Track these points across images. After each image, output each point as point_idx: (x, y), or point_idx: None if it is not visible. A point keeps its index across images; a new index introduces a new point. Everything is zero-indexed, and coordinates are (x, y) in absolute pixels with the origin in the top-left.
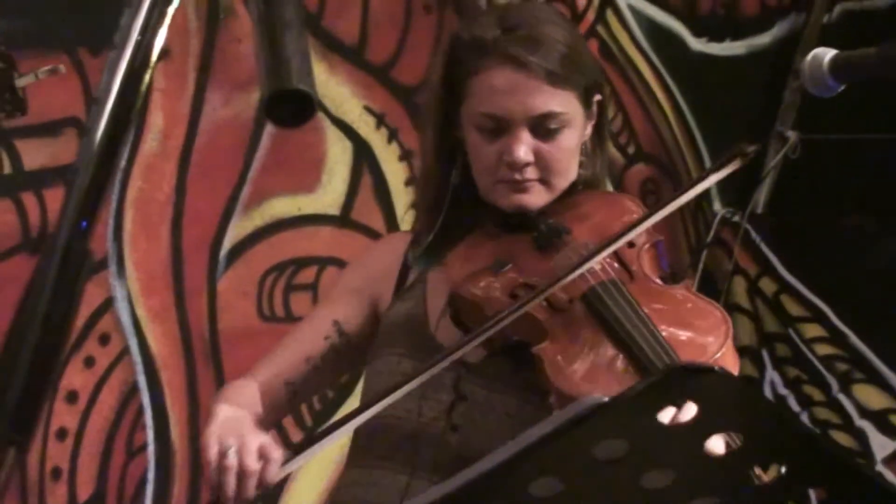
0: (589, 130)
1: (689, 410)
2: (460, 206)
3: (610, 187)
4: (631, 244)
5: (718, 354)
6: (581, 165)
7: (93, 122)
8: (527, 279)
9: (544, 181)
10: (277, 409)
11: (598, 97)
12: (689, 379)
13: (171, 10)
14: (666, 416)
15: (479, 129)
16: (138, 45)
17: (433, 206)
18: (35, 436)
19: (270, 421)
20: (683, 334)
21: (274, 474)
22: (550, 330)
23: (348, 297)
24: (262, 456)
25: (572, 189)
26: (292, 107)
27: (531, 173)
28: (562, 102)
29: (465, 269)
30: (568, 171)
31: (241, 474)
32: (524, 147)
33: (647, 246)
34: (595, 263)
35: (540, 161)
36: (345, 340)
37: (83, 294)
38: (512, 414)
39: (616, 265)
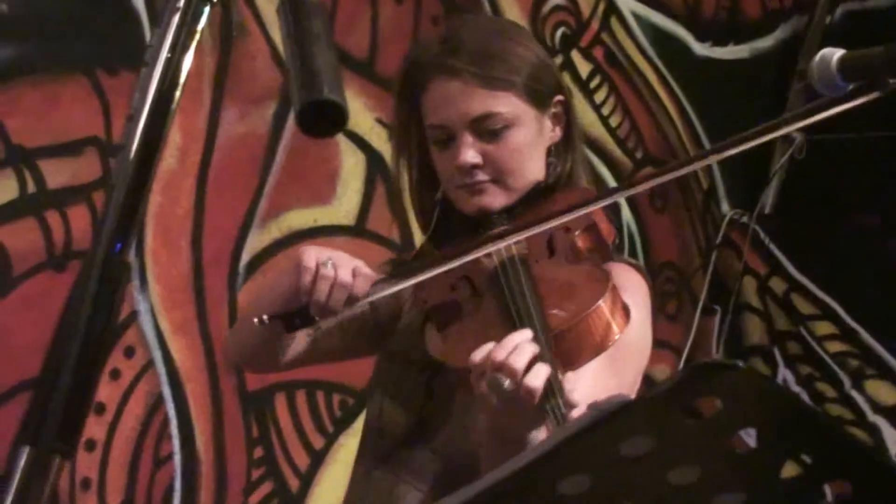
0: (557, 132)
1: (714, 406)
2: (448, 220)
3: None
4: (567, 228)
5: (596, 305)
6: (550, 165)
7: (127, 139)
8: (464, 271)
9: (497, 181)
10: (299, 342)
11: (558, 97)
12: (712, 375)
13: (199, 28)
14: (691, 412)
15: (434, 141)
16: (168, 63)
17: (422, 227)
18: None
19: (289, 359)
20: (564, 295)
21: (364, 289)
22: (466, 313)
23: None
24: (356, 272)
25: (542, 189)
26: (324, 117)
27: (482, 175)
28: (500, 103)
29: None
30: (521, 170)
31: (335, 284)
32: (470, 151)
33: (580, 229)
34: (513, 244)
35: (489, 162)
36: (374, 318)
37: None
38: (470, 406)
39: (543, 247)
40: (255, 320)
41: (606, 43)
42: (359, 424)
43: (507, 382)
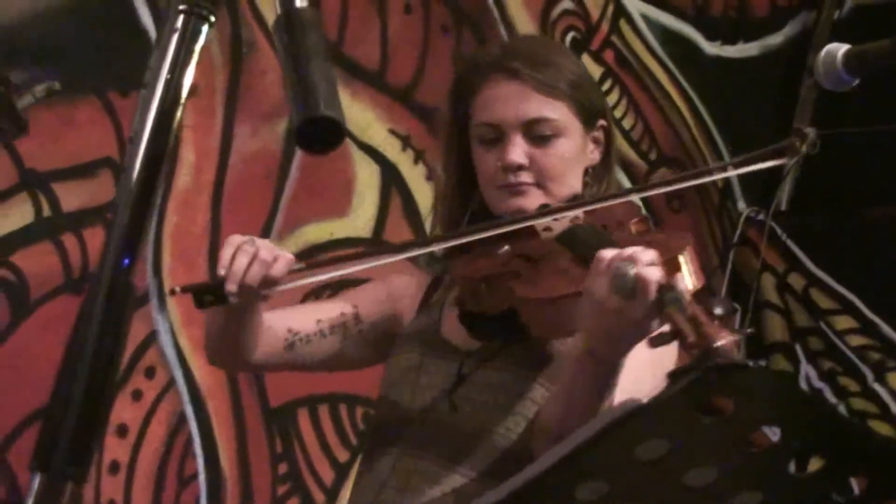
0: (596, 156)
1: (727, 407)
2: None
3: None
4: (619, 222)
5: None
6: (586, 185)
7: (129, 161)
8: (523, 252)
9: (540, 185)
10: (272, 348)
11: (602, 122)
12: (724, 376)
13: (198, 48)
14: (704, 413)
15: (481, 140)
16: (168, 83)
17: (450, 225)
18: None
19: (260, 358)
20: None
21: (282, 270)
22: (524, 273)
23: (375, 294)
24: (276, 255)
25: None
26: (321, 133)
27: (526, 177)
28: (554, 110)
29: (468, 260)
30: (564, 178)
31: (255, 259)
32: (517, 150)
33: (633, 221)
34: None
35: (534, 165)
36: (356, 328)
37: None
38: (507, 387)
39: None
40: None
41: (616, 45)
42: None
43: (632, 269)
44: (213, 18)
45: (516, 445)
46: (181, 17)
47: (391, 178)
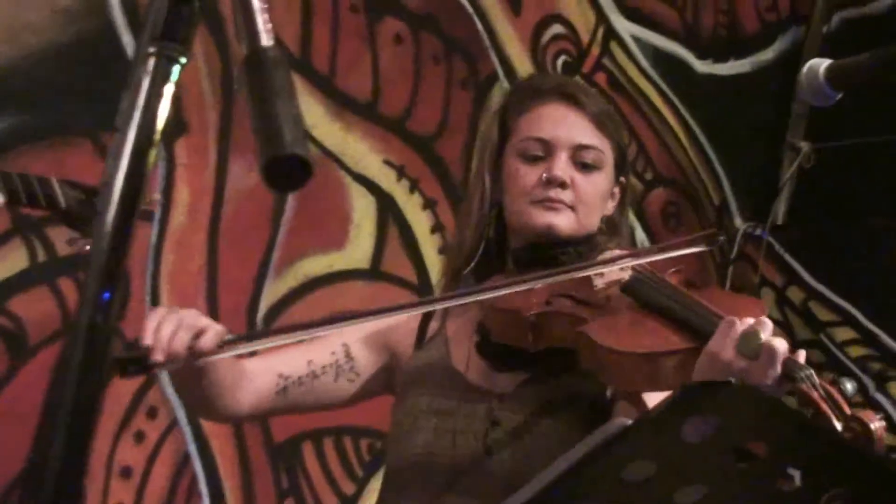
0: (612, 205)
1: (712, 425)
2: (490, 256)
3: None
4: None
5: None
6: (600, 231)
7: (103, 204)
8: (560, 291)
9: (574, 208)
10: (263, 396)
11: (623, 179)
12: (707, 394)
13: (168, 90)
14: (689, 433)
15: (523, 155)
16: (140, 127)
17: (468, 252)
18: None
19: (252, 407)
20: (724, 308)
21: (210, 342)
22: (590, 318)
23: (362, 332)
24: (204, 326)
25: (593, 241)
26: (289, 171)
27: (565, 196)
28: (601, 143)
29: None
30: (595, 210)
31: (180, 327)
32: (564, 167)
33: (671, 270)
34: (623, 271)
35: (574, 188)
36: (349, 364)
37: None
38: (545, 434)
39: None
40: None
41: (608, 67)
42: None
43: (763, 335)
44: (183, 59)
45: None
46: (151, 60)
47: (387, 209)
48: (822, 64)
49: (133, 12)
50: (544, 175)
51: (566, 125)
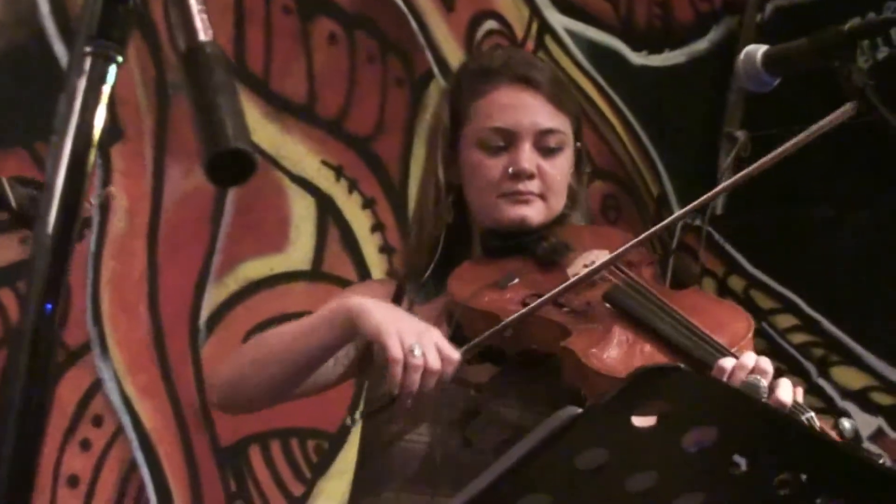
0: (572, 170)
1: (661, 411)
2: (450, 242)
3: None
4: (630, 263)
5: (744, 341)
6: (565, 205)
7: (44, 209)
8: (536, 291)
9: (543, 197)
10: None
11: (579, 143)
12: (656, 380)
13: (106, 90)
14: (639, 419)
15: (484, 146)
16: (79, 128)
17: (430, 244)
18: None
19: (301, 388)
20: (707, 322)
21: (452, 372)
22: (574, 329)
23: None
24: (443, 355)
25: (561, 219)
26: (233, 166)
27: (533, 186)
28: (561, 123)
29: (470, 287)
30: (562, 194)
31: (427, 373)
32: (530, 157)
33: (644, 264)
34: (606, 270)
35: (541, 176)
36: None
37: (63, 380)
38: (524, 425)
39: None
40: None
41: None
42: (337, 468)
43: (763, 383)
44: (120, 59)
45: None
46: (87, 60)
47: (327, 210)
48: (758, 50)
49: (64, 21)
50: (511, 169)
51: (525, 111)
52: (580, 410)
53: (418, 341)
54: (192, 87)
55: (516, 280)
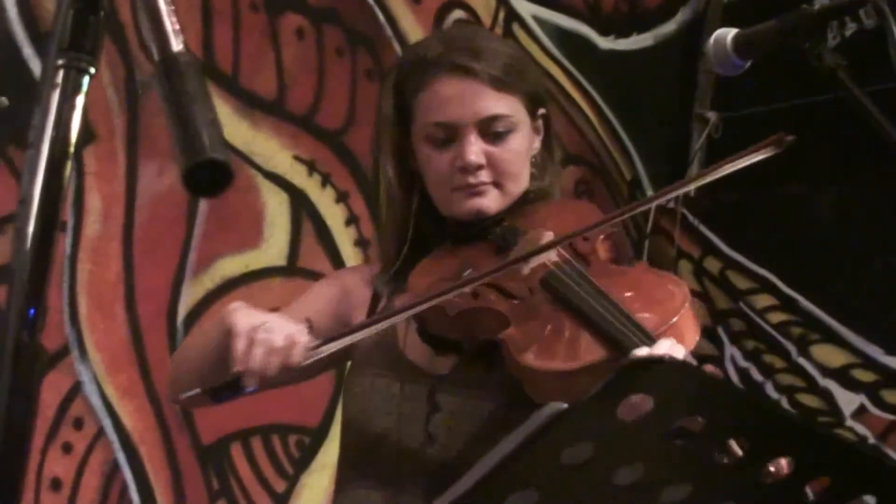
0: (537, 144)
1: (646, 403)
2: (422, 230)
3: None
4: (584, 238)
5: (676, 318)
6: (532, 177)
7: (22, 221)
8: (496, 282)
9: (497, 184)
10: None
11: (542, 110)
12: (639, 373)
13: (80, 101)
14: (623, 412)
15: (430, 140)
16: (53, 140)
17: (398, 234)
18: None
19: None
20: (643, 300)
21: (299, 357)
22: (513, 318)
23: (321, 303)
24: (290, 338)
25: (526, 198)
26: (210, 176)
27: (484, 176)
28: (507, 106)
29: (427, 281)
30: (520, 176)
31: (269, 350)
32: (475, 149)
33: (601, 237)
34: (548, 254)
35: (492, 164)
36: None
37: (43, 384)
38: (486, 417)
39: (573, 256)
40: (180, 397)
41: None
42: (319, 462)
43: None
44: (92, 70)
45: None
46: (60, 73)
47: (301, 205)
48: (728, 33)
49: (33, 25)
50: (457, 163)
51: (463, 102)
52: (565, 406)
53: (271, 323)
54: (166, 98)
55: (469, 271)
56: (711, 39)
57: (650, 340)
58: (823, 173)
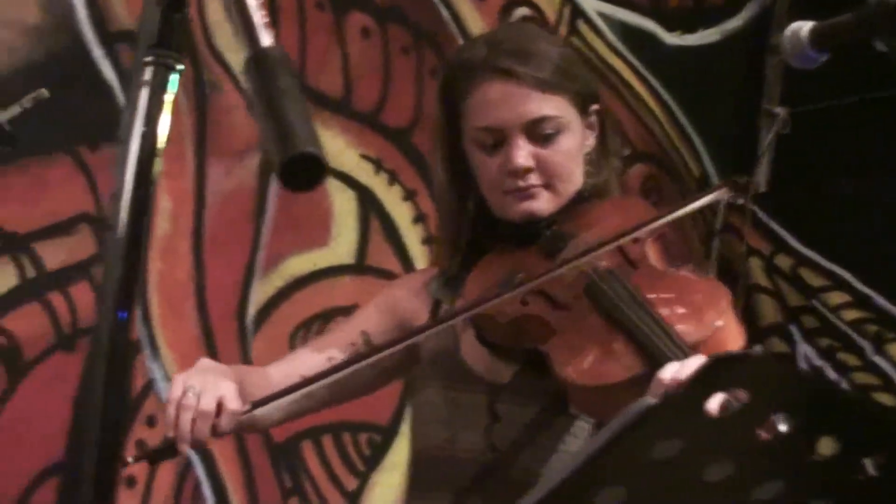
0: (592, 141)
1: (739, 398)
2: (479, 232)
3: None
4: (635, 239)
5: (722, 322)
6: (587, 174)
7: (113, 217)
8: (544, 289)
9: (549, 186)
10: (291, 402)
11: (595, 106)
12: (729, 368)
13: (168, 98)
14: (713, 408)
15: (480, 145)
16: (143, 136)
17: (452, 237)
18: None
19: (281, 418)
20: (682, 311)
21: (228, 423)
22: (558, 327)
23: (381, 313)
24: (220, 403)
25: (580, 197)
26: (305, 170)
27: (535, 179)
28: (555, 107)
29: (480, 287)
30: (571, 176)
31: (197, 415)
32: (523, 153)
33: (650, 240)
34: (592, 259)
35: (541, 166)
36: (370, 351)
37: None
38: (546, 427)
39: (621, 259)
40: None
41: (577, 46)
42: (390, 460)
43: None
44: (180, 67)
45: None
46: (149, 69)
47: (368, 203)
48: (804, 26)
49: (101, 26)
50: (506, 167)
51: (509, 106)
52: (654, 401)
53: (202, 387)
54: (257, 92)
55: (520, 276)
56: (787, 32)
57: (685, 355)
58: None
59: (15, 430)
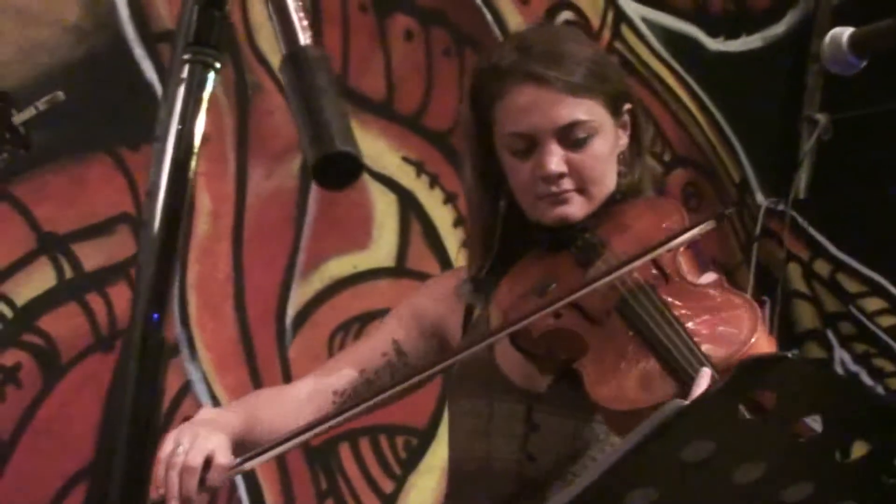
0: (624, 140)
1: (769, 401)
2: (511, 235)
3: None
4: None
5: (753, 340)
6: (620, 175)
7: (148, 215)
8: (578, 302)
9: (582, 190)
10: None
11: (627, 106)
12: (762, 371)
13: (206, 96)
14: (746, 410)
15: (511, 150)
16: (179, 134)
17: (483, 241)
18: None
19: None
20: (713, 330)
21: (216, 478)
22: (591, 343)
23: (410, 319)
24: (209, 458)
25: (613, 199)
26: (339, 169)
27: (567, 184)
28: (586, 111)
29: (513, 295)
30: (604, 179)
31: (184, 471)
32: (555, 159)
33: (682, 248)
34: (624, 273)
35: (574, 171)
36: (402, 360)
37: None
38: (584, 437)
39: (653, 270)
40: None
41: (620, 51)
42: (426, 463)
43: None
44: (218, 65)
45: None
46: (186, 67)
47: (409, 206)
48: (844, 32)
49: (143, 25)
50: (538, 172)
51: (540, 111)
52: (685, 403)
53: (190, 443)
54: (294, 91)
55: (553, 286)
56: (827, 38)
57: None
58: None
59: (51, 430)
